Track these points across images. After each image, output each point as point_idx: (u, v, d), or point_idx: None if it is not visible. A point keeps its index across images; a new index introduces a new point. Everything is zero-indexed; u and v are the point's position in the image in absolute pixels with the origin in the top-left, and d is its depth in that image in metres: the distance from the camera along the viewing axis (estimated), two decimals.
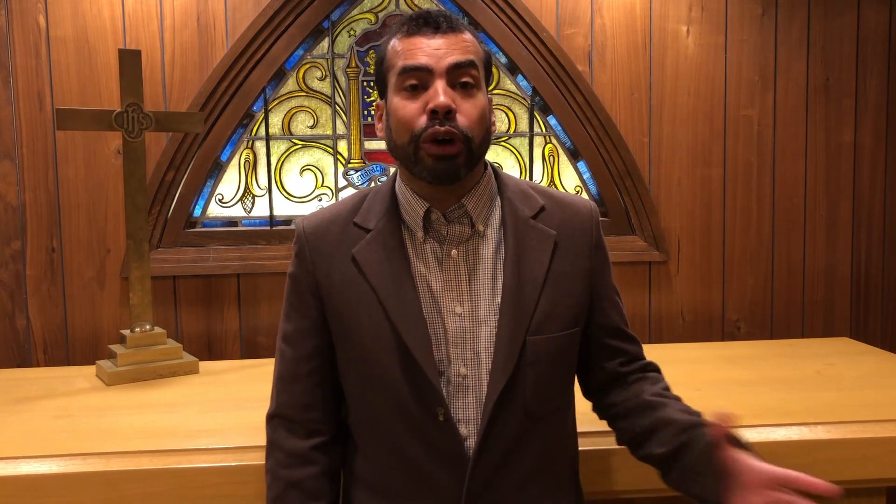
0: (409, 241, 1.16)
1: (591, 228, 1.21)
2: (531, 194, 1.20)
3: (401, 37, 1.12)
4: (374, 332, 1.13)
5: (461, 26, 1.13)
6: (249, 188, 2.41)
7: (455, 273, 1.14)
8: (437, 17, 1.11)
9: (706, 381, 1.81)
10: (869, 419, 1.51)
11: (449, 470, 1.11)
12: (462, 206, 1.15)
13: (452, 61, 1.09)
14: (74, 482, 1.36)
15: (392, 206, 1.18)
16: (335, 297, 1.16)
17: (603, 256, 1.22)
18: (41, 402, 1.73)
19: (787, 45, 2.46)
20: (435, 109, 1.07)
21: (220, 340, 2.37)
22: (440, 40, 1.09)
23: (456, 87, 1.10)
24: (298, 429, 1.19)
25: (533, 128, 2.47)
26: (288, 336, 1.21)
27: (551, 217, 1.18)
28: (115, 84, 2.24)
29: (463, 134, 1.08)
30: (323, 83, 2.41)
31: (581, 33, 2.40)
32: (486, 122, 1.13)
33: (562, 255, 1.16)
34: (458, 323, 1.13)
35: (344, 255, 1.16)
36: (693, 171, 2.47)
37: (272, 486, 1.18)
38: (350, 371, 1.18)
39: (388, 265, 1.14)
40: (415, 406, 1.11)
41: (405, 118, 1.10)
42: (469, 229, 1.16)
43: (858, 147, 2.52)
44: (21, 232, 2.28)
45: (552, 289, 1.14)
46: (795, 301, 2.53)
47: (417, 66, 1.08)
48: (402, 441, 1.13)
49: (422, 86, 1.09)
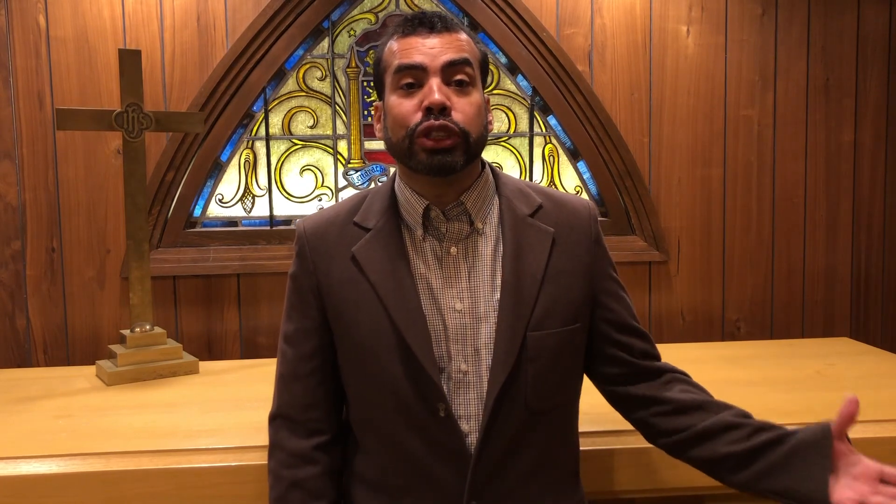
0: (409, 239, 1.17)
1: (588, 226, 1.21)
2: (529, 193, 1.22)
3: (397, 37, 1.14)
4: (374, 329, 1.14)
5: (456, 26, 1.15)
6: (249, 188, 2.41)
7: (455, 270, 1.15)
8: (432, 17, 1.13)
9: (706, 381, 1.79)
10: (869, 419, 1.51)
11: (450, 466, 1.12)
12: (461, 204, 1.16)
13: (447, 59, 1.10)
14: (74, 482, 1.36)
15: (391, 205, 1.19)
16: (335, 296, 1.17)
17: (602, 253, 1.23)
18: (41, 402, 1.73)
19: (787, 45, 2.46)
20: (430, 106, 1.09)
21: (220, 340, 2.37)
22: (435, 39, 1.11)
23: (451, 84, 1.11)
24: (300, 428, 1.20)
25: (533, 128, 2.47)
26: (289, 336, 1.22)
27: (549, 215, 1.20)
28: (115, 84, 2.24)
29: (458, 128, 1.10)
30: (323, 83, 2.41)
31: (581, 33, 2.40)
32: (482, 119, 1.14)
33: (560, 252, 1.17)
34: (458, 319, 1.13)
35: (344, 254, 1.17)
36: (693, 171, 2.47)
37: (275, 487, 1.19)
38: (351, 369, 1.19)
39: (388, 263, 1.15)
40: (416, 403, 1.12)
41: (401, 115, 1.11)
42: (468, 226, 1.17)
43: (858, 147, 2.52)
44: (21, 232, 2.28)
45: (551, 285, 1.15)
46: (795, 301, 2.53)
47: (412, 64, 1.10)
48: (403, 438, 1.13)
49: (417, 84, 1.11)
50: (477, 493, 1.12)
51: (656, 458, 1.44)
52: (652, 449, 1.45)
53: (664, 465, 1.44)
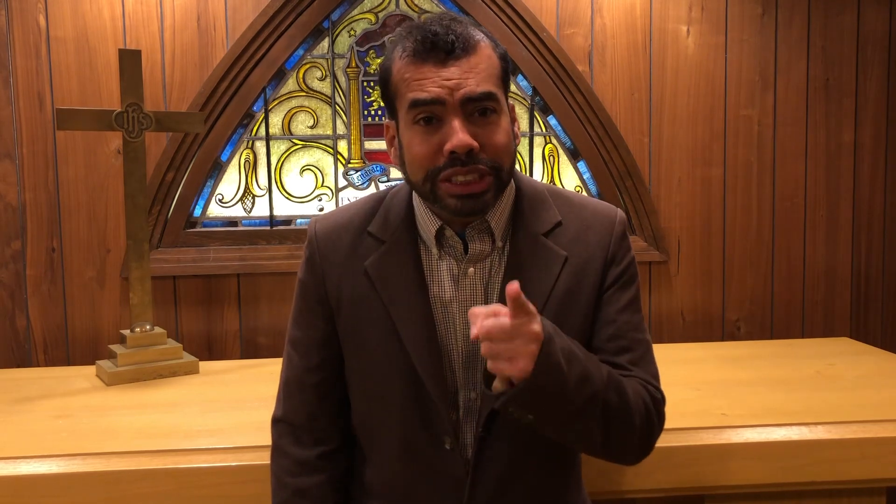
0: (425, 256, 1.11)
1: (608, 243, 1.12)
2: (549, 205, 1.13)
3: (408, 59, 1.01)
4: (384, 352, 1.10)
5: (474, 41, 1.01)
6: (249, 188, 2.41)
7: (471, 293, 1.09)
8: (446, 38, 0.99)
9: (706, 381, 1.80)
10: (869, 419, 1.51)
11: (448, 493, 1.10)
12: (485, 223, 1.08)
13: (467, 93, 0.99)
14: (74, 482, 1.36)
15: (408, 216, 1.12)
16: (346, 312, 1.13)
17: (618, 273, 1.12)
18: (41, 402, 1.73)
19: (787, 45, 2.46)
20: (454, 150, 0.98)
21: (220, 340, 2.37)
22: (453, 68, 0.99)
23: (474, 115, 1.01)
24: (305, 437, 1.18)
25: (533, 128, 2.47)
26: (296, 342, 1.19)
27: (566, 232, 1.11)
28: (115, 84, 2.23)
29: (490, 166, 1.01)
30: (323, 83, 2.41)
31: (581, 33, 2.40)
32: (511, 145, 1.04)
33: (570, 272, 1.09)
34: (471, 346, 1.09)
35: (356, 266, 1.12)
36: (693, 171, 2.47)
37: (278, 493, 1.18)
38: (357, 384, 1.16)
39: (402, 283, 1.09)
40: (421, 434, 1.09)
41: (420, 157, 1.02)
42: (489, 246, 1.10)
43: (858, 147, 2.52)
44: (21, 232, 2.28)
45: (555, 309, 1.08)
46: (795, 301, 2.53)
47: (429, 100, 0.99)
48: (402, 462, 1.12)
49: (436, 118, 1.00)
50: None
51: (657, 457, 1.44)
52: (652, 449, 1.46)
53: (664, 465, 1.44)
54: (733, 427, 1.49)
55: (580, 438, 1.03)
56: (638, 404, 1.04)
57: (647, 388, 1.08)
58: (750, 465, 1.45)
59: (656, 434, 1.10)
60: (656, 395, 1.09)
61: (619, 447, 1.05)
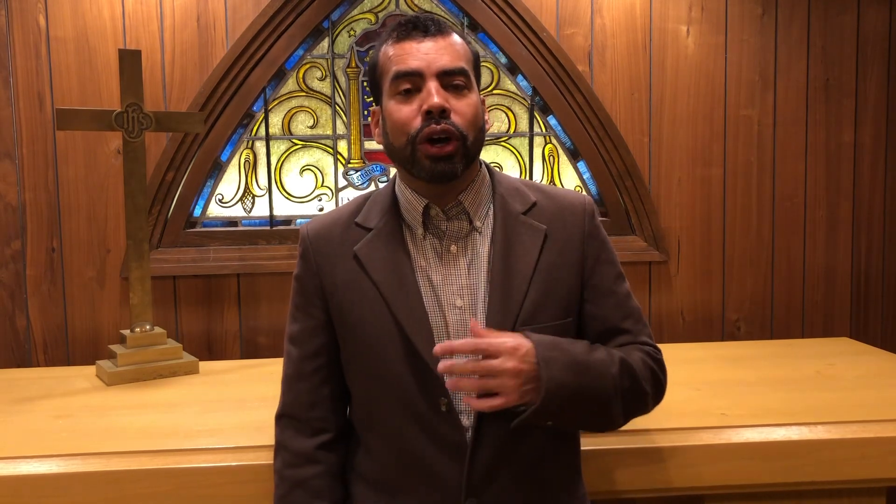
0: (410, 238, 1.20)
1: (582, 221, 1.23)
2: (524, 191, 1.24)
3: (391, 42, 1.17)
4: (377, 327, 1.16)
5: (448, 29, 1.18)
6: (249, 188, 2.41)
7: (455, 267, 1.18)
8: (425, 21, 1.16)
9: (706, 381, 1.81)
10: (869, 419, 1.51)
11: (451, 461, 1.13)
12: (460, 204, 1.19)
13: (442, 66, 1.13)
14: (74, 482, 1.36)
15: (392, 205, 1.22)
16: (339, 296, 1.20)
17: (597, 247, 1.23)
18: (41, 402, 1.73)
19: (787, 45, 2.46)
20: (430, 110, 1.11)
21: (220, 340, 2.37)
22: (430, 43, 1.14)
23: (448, 88, 1.14)
24: (304, 428, 1.22)
25: (533, 128, 2.47)
26: (294, 336, 1.25)
27: (543, 212, 1.22)
28: (115, 84, 2.23)
29: (458, 132, 1.12)
30: (323, 83, 2.41)
31: (581, 33, 2.40)
32: (479, 120, 1.17)
33: (552, 247, 1.19)
34: (459, 315, 1.16)
35: (346, 254, 1.20)
36: (693, 171, 2.47)
37: (279, 486, 1.22)
38: (355, 367, 1.21)
39: (390, 261, 1.17)
40: (418, 397, 1.14)
41: (401, 121, 1.14)
42: (467, 225, 1.20)
43: (858, 147, 2.52)
44: (21, 232, 2.28)
45: (542, 280, 1.17)
46: (795, 301, 2.53)
47: (409, 70, 1.13)
48: (405, 433, 1.16)
49: (415, 89, 1.14)
50: (475, 488, 1.13)
51: (657, 458, 1.45)
52: (652, 449, 1.46)
53: (664, 465, 1.44)
54: (733, 427, 1.50)
55: (600, 427, 1.18)
56: (645, 372, 1.16)
57: (647, 350, 1.20)
58: (750, 465, 1.45)
59: (664, 387, 1.22)
60: (656, 355, 1.21)
61: (637, 414, 1.18)
